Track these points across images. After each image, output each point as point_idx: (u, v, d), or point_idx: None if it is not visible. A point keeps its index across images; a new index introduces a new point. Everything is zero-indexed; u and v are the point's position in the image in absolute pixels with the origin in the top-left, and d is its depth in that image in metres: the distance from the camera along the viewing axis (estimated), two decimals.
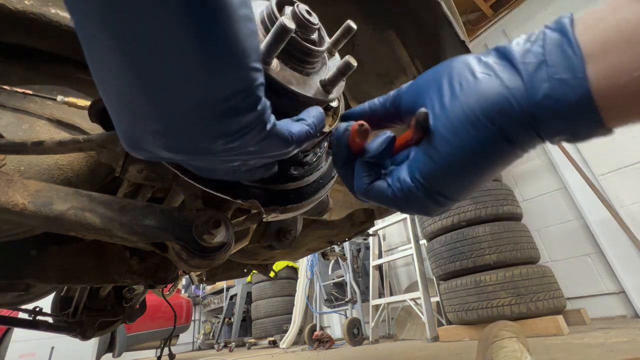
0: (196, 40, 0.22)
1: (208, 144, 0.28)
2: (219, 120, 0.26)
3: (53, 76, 0.56)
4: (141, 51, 0.22)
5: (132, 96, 0.24)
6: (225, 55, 0.23)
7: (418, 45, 0.80)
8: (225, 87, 0.24)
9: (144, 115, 0.25)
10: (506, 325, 1.18)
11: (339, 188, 1.23)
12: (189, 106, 0.25)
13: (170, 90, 0.24)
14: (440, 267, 2.80)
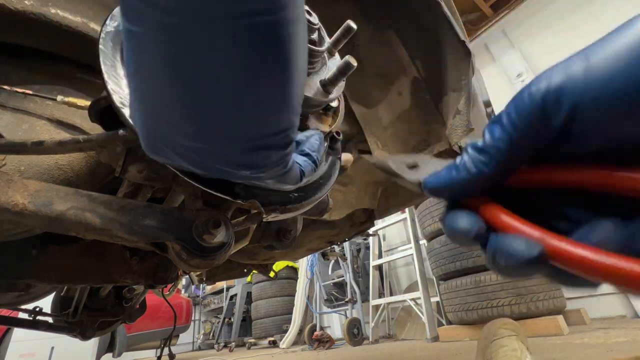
0: (258, 84, 0.23)
1: (231, 169, 0.29)
2: (252, 153, 0.27)
3: (53, 76, 0.56)
4: (201, 83, 0.22)
5: (173, 111, 0.24)
6: (280, 101, 0.24)
7: (418, 45, 0.80)
8: (271, 126, 0.26)
9: (181, 131, 0.26)
10: (505, 323, 1.17)
11: (339, 188, 1.23)
12: (229, 136, 0.26)
13: (217, 119, 0.24)
14: (440, 267, 2.80)
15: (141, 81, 0.24)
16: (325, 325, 5.37)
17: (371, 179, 1.31)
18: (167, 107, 0.24)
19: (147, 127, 0.28)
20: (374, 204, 1.37)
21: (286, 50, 0.22)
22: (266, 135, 0.26)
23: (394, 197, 1.35)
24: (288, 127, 0.27)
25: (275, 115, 0.25)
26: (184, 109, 0.24)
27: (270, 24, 0.20)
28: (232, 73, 0.21)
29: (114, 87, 0.39)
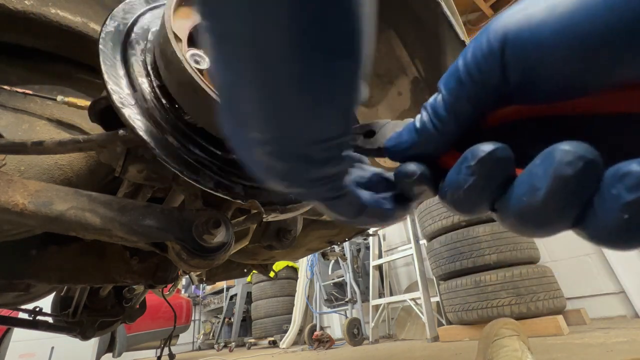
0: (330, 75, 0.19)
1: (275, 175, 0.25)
2: (312, 161, 0.24)
3: (53, 76, 0.56)
4: (279, 92, 0.19)
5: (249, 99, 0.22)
6: (337, 105, 0.21)
7: (418, 45, 0.80)
8: (333, 129, 0.23)
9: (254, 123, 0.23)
10: (507, 323, 1.17)
11: None
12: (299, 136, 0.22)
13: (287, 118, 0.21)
14: (440, 267, 2.80)
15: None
16: (325, 325, 5.37)
17: None
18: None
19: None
20: None
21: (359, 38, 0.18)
22: (327, 139, 0.23)
23: None
24: (344, 134, 0.24)
25: (336, 113, 0.22)
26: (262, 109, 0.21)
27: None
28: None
29: (114, 87, 0.39)
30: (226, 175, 0.42)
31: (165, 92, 0.41)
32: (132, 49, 0.43)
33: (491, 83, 0.20)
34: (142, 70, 0.42)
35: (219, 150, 0.42)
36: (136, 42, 0.44)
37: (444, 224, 2.82)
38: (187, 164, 0.40)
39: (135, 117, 0.38)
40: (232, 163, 0.43)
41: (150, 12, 0.47)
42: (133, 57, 0.42)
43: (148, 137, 0.38)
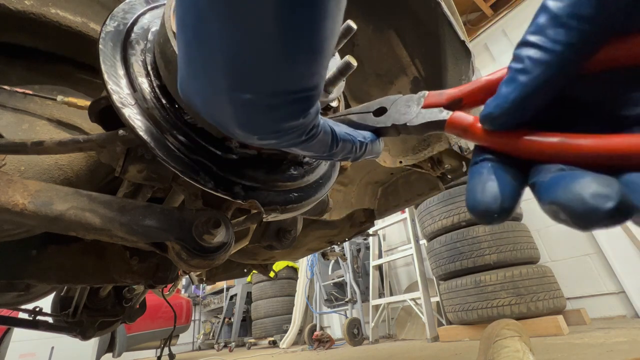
0: (290, 30, 0.20)
1: (234, 122, 0.26)
2: (278, 111, 0.24)
3: (53, 76, 0.56)
4: (242, 32, 0.20)
5: (215, 54, 0.22)
6: (314, 51, 0.21)
7: (418, 45, 0.80)
8: (301, 80, 0.23)
9: (217, 71, 0.23)
10: (508, 324, 1.17)
11: (339, 188, 1.23)
12: (264, 84, 0.23)
13: (252, 69, 0.22)
14: (440, 267, 2.80)
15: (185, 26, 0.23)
16: (325, 325, 5.37)
17: (371, 179, 1.31)
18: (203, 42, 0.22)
19: (187, 69, 0.25)
20: (374, 204, 1.37)
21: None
22: (295, 92, 0.23)
23: (394, 197, 1.35)
24: (316, 84, 0.24)
25: (307, 69, 0.22)
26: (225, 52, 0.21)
27: None
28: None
29: (114, 87, 0.39)
30: (226, 175, 0.42)
31: (165, 92, 0.41)
32: (132, 49, 0.43)
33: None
34: (142, 70, 0.42)
35: (219, 150, 0.42)
36: (136, 42, 0.44)
37: (444, 224, 2.82)
38: (187, 164, 0.40)
39: (135, 117, 0.38)
40: (232, 163, 0.43)
41: (150, 12, 0.47)
42: (133, 57, 0.42)
43: (148, 137, 0.38)
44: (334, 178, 0.56)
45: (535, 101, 0.19)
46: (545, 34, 0.18)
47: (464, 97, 0.25)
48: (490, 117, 0.20)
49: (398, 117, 0.29)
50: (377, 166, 1.08)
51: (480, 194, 0.20)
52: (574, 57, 0.17)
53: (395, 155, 0.99)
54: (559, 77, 0.18)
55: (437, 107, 0.27)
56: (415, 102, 0.29)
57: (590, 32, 0.17)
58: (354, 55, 0.39)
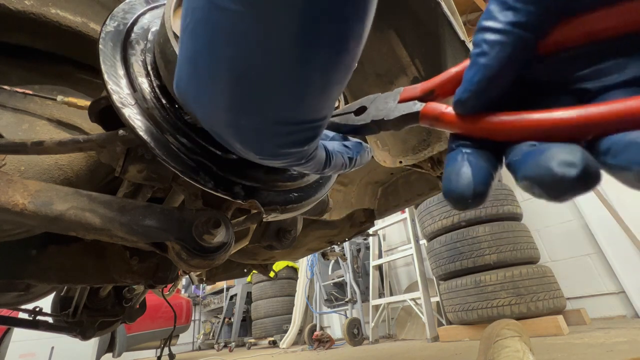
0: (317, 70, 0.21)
1: (257, 142, 0.26)
2: (282, 138, 0.25)
3: (53, 76, 0.56)
4: (262, 60, 0.20)
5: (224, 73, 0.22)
6: (330, 86, 0.22)
7: (418, 45, 0.80)
8: (311, 112, 0.24)
9: (216, 85, 0.23)
10: (509, 324, 1.17)
11: (339, 188, 1.23)
12: (271, 113, 0.23)
13: (265, 95, 0.22)
14: (440, 267, 2.80)
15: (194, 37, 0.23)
16: (325, 325, 5.37)
17: (371, 179, 1.31)
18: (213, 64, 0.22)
19: (185, 71, 0.25)
20: (374, 204, 1.37)
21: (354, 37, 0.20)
22: (302, 122, 0.24)
23: (394, 197, 1.35)
24: (325, 116, 0.25)
25: (318, 104, 0.23)
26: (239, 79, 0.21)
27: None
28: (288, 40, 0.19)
29: (114, 87, 0.39)
30: (226, 175, 0.42)
31: (165, 92, 0.41)
32: (132, 49, 0.43)
33: None
34: (142, 70, 0.42)
35: (219, 150, 0.42)
36: (136, 42, 0.44)
37: (444, 224, 2.82)
38: (187, 164, 0.40)
39: (135, 117, 0.38)
40: (232, 163, 0.43)
41: (150, 12, 0.47)
42: (133, 57, 0.42)
43: (148, 137, 0.38)
44: (334, 178, 0.56)
45: (498, 80, 0.20)
46: (496, 18, 0.19)
47: (435, 88, 0.26)
48: (460, 102, 0.21)
49: (376, 114, 0.30)
50: (377, 166, 1.08)
51: (455, 181, 0.20)
52: (524, 35, 0.19)
53: (395, 155, 0.99)
54: (515, 55, 0.19)
55: (412, 100, 0.28)
56: (392, 98, 0.30)
57: (536, 13, 0.18)
58: None
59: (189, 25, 0.22)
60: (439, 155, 1.03)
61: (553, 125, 0.18)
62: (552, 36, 0.20)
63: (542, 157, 0.17)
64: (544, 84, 0.21)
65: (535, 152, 0.18)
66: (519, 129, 0.19)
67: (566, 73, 0.20)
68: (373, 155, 0.96)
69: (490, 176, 0.20)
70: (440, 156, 1.03)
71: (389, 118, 0.29)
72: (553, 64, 0.20)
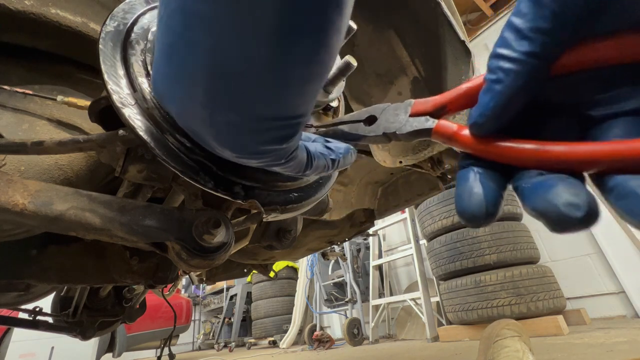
0: (294, 53, 0.20)
1: (220, 143, 0.26)
2: (260, 134, 0.25)
3: (53, 76, 0.56)
4: (240, 52, 0.20)
5: (201, 72, 0.22)
6: (309, 80, 0.22)
7: (418, 45, 0.80)
8: (291, 108, 0.23)
9: (196, 85, 0.23)
10: (509, 324, 1.17)
11: (339, 188, 1.23)
12: (241, 107, 0.23)
13: (243, 90, 0.22)
14: (440, 267, 2.80)
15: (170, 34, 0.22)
16: (325, 325, 5.37)
17: (371, 179, 1.31)
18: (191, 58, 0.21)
19: (164, 71, 0.25)
20: (374, 204, 1.37)
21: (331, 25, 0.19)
22: (284, 118, 0.24)
23: (394, 197, 1.35)
24: (305, 112, 0.25)
25: (299, 98, 0.23)
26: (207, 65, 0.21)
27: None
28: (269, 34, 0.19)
29: (114, 87, 0.39)
30: (226, 175, 0.42)
31: None
32: (132, 48, 0.43)
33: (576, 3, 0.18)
34: (142, 70, 0.42)
35: None
36: (136, 42, 0.43)
37: (444, 224, 2.82)
38: (187, 163, 0.40)
39: (135, 117, 0.38)
40: (232, 163, 0.43)
41: (150, 12, 0.47)
42: (133, 57, 0.42)
43: (148, 137, 0.38)
44: (334, 178, 0.56)
45: (512, 106, 0.21)
46: (512, 47, 0.20)
47: (447, 104, 0.27)
48: (476, 125, 0.23)
49: (388, 126, 0.31)
50: (377, 166, 1.08)
51: (467, 200, 0.22)
52: (538, 64, 0.20)
53: (395, 155, 1.00)
54: (529, 83, 0.20)
55: (424, 115, 0.28)
56: (403, 111, 0.30)
57: (550, 43, 0.19)
58: (354, 55, 0.39)
59: (164, 17, 0.21)
60: (439, 155, 1.03)
61: (561, 157, 0.20)
62: (562, 59, 0.21)
63: (551, 194, 0.18)
64: (552, 106, 0.22)
65: (544, 185, 0.19)
66: (530, 156, 0.21)
67: (572, 96, 0.21)
68: (373, 155, 0.96)
69: (500, 197, 0.22)
70: (440, 156, 1.03)
71: (401, 132, 0.29)
72: (562, 87, 0.22)
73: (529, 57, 0.19)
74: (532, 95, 0.21)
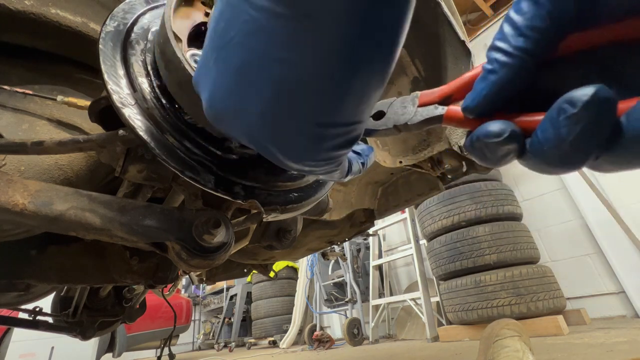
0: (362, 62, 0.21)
1: (293, 153, 0.27)
2: (330, 141, 0.25)
3: (53, 76, 0.56)
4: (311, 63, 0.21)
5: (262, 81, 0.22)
6: (381, 87, 0.23)
7: (418, 45, 0.80)
8: (357, 113, 0.24)
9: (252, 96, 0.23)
10: (509, 324, 1.17)
11: (339, 188, 1.23)
12: (310, 117, 0.24)
13: (321, 98, 0.23)
14: (440, 267, 2.80)
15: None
16: (325, 325, 5.37)
17: (371, 179, 1.31)
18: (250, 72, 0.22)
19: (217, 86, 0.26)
20: (374, 204, 1.37)
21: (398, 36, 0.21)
22: (343, 125, 0.24)
23: (394, 197, 1.35)
24: (366, 118, 0.26)
25: (360, 105, 0.23)
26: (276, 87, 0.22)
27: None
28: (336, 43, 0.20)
29: (114, 87, 0.39)
30: (226, 175, 0.42)
31: (165, 92, 0.41)
32: (132, 49, 0.43)
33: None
34: (142, 70, 0.42)
35: (219, 150, 0.42)
36: (136, 42, 0.44)
37: (444, 224, 2.82)
38: (187, 164, 0.40)
39: (135, 117, 0.38)
40: (232, 163, 0.43)
41: (150, 12, 0.47)
42: (133, 57, 0.42)
43: (148, 137, 0.38)
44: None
45: (503, 94, 0.23)
46: (508, 41, 0.22)
47: (453, 93, 0.29)
48: (468, 108, 0.25)
49: (397, 118, 0.32)
50: (377, 166, 1.08)
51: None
52: (531, 60, 0.21)
53: (395, 155, 0.99)
54: (521, 76, 0.22)
55: (432, 104, 0.30)
56: (411, 103, 0.32)
57: (543, 40, 0.21)
58: None
59: (235, 38, 0.22)
60: (439, 155, 1.02)
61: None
62: (559, 45, 0.22)
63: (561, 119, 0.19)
64: (543, 90, 0.24)
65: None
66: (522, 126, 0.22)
67: (564, 81, 0.23)
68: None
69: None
70: (440, 156, 1.03)
71: (412, 122, 0.31)
72: (553, 73, 0.23)
73: (522, 52, 0.21)
74: (522, 86, 0.23)
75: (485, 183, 2.81)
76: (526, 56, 0.21)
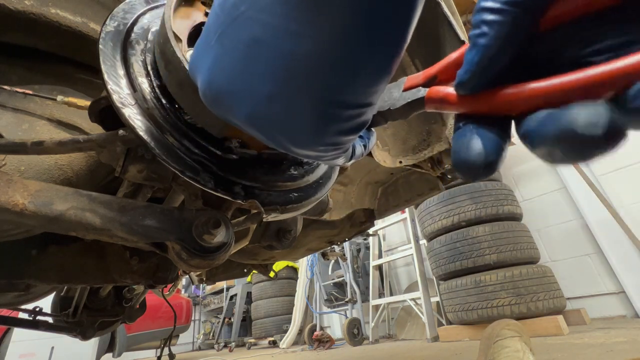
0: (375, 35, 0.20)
1: (303, 136, 0.25)
2: (342, 123, 0.24)
3: (53, 76, 0.56)
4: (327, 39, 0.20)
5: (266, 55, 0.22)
6: (385, 66, 0.22)
7: (418, 45, 0.80)
8: (370, 94, 0.23)
9: (260, 75, 0.22)
10: (509, 324, 1.17)
11: (339, 188, 1.23)
12: (322, 95, 0.22)
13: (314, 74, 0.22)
14: (440, 267, 2.80)
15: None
16: (325, 325, 5.37)
17: (371, 179, 1.31)
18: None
19: (217, 69, 0.25)
20: (374, 204, 1.37)
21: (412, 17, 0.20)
22: (355, 106, 0.23)
23: (394, 197, 1.35)
24: (377, 100, 0.24)
25: (371, 87, 0.22)
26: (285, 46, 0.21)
27: None
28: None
29: (114, 87, 0.39)
30: (226, 175, 0.42)
31: (165, 92, 0.41)
32: (132, 49, 0.43)
33: None
34: (142, 70, 0.42)
35: (219, 150, 0.42)
36: (136, 42, 0.44)
37: (444, 224, 2.82)
38: (187, 164, 0.40)
39: (135, 117, 0.38)
40: (232, 163, 0.43)
41: (150, 12, 0.47)
42: (133, 57, 0.42)
43: (148, 137, 0.38)
44: (334, 178, 0.56)
45: (498, 59, 0.20)
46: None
47: (438, 74, 0.26)
48: (462, 83, 0.22)
49: (382, 105, 0.30)
50: (377, 166, 1.08)
51: (465, 151, 0.20)
52: (522, 13, 0.19)
53: (395, 155, 0.99)
54: (514, 34, 0.19)
55: (416, 87, 0.28)
56: (396, 88, 0.30)
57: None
58: None
59: (246, 12, 0.21)
60: (439, 155, 1.02)
61: (570, 85, 0.17)
62: (551, 12, 0.20)
63: (564, 120, 0.16)
64: (545, 59, 0.21)
65: (554, 116, 0.17)
66: (527, 97, 0.19)
67: (567, 48, 0.20)
68: (373, 155, 0.96)
69: (500, 146, 0.20)
70: (440, 156, 1.03)
71: (395, 107, 0.29)
72: (553, 39, 0.20)
73: (511, 5, 0.19)
74: (517, 47, 0.20)
75: (485, 183, 2.81)
76: (517, 9, 0.19)
